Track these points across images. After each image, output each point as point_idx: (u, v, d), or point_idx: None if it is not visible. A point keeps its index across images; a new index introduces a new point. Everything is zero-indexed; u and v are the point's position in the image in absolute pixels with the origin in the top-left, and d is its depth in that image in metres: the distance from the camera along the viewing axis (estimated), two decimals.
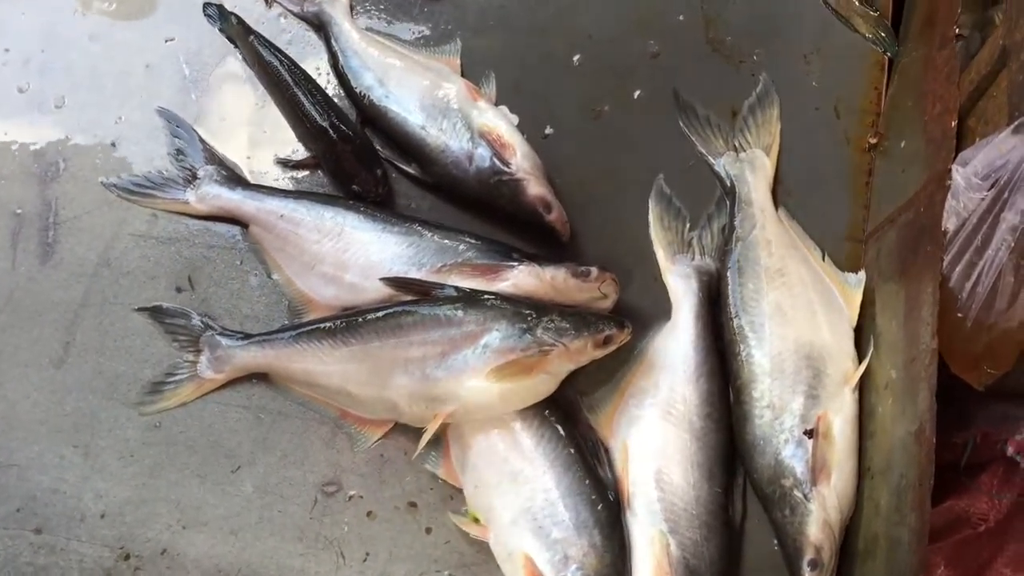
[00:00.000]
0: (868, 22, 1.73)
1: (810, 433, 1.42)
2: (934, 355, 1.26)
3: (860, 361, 1.48)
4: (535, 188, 1.60)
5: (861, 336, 1.53)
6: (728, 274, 1.57)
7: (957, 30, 1.45)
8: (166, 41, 1.80)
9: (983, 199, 1.21)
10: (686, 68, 1.75)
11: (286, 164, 1.72)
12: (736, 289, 1.55)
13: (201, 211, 1.68)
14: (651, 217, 1.66)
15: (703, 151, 1.69)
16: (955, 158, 1.31)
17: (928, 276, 1.31)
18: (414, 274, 1.56)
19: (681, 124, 1.71)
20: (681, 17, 1.78)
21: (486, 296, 1.50)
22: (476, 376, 1.45)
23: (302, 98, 1.69)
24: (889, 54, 1.72)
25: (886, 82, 1.71)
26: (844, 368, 1.48)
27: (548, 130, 1.73)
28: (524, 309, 1.47)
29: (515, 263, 1.54)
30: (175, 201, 1.69)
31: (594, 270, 1.53)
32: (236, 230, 1.69)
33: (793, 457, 1.42)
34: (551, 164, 1.66)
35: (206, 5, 1.81)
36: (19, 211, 1.70)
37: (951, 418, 1.34)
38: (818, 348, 1.48)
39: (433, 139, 1.65)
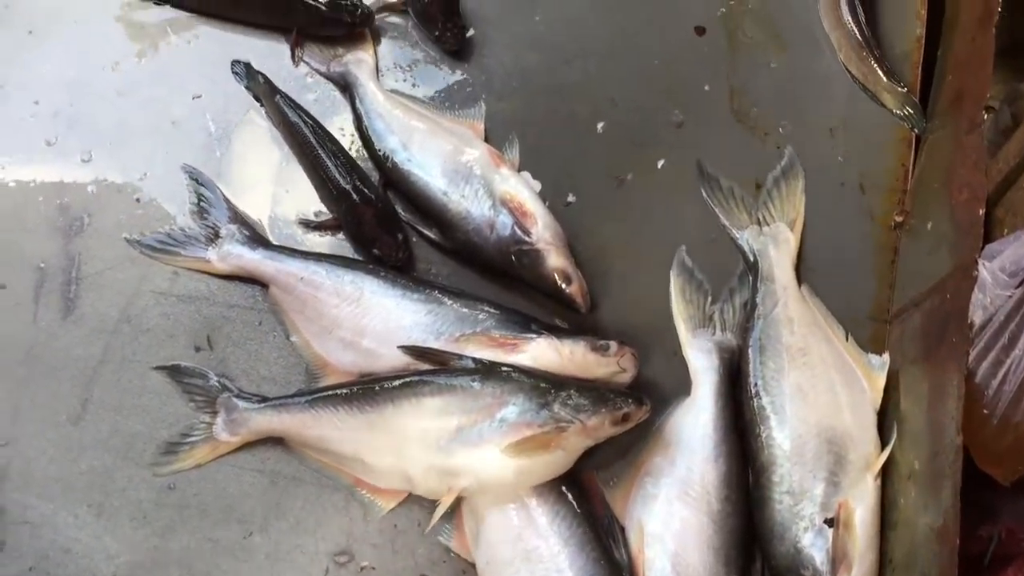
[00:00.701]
0: (896, 97, 1.72)
1: (831, 522, 1.40)
2: (959, 451, 1.24)
3: (883, 447, 1.46)
4: (555, 259, 1.59)
5: (884, 420, 1.51)
6: (749, 351, 1.55)
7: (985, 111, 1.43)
8: (193, 98, 1.81)
9: (1011, 296, 1.20)
10: (711, 139, 1.75)
11: (307, 225, 1.72)
12: (757, 368, 1.54)
13: (222, 270, 1.68)
14: (672, 289, 1.64)
15: (726, 223, 1.68)
16: (982, 249, 1.29)
17: (953, 367, 1.29)
18: (432, 342, 1.55)
19: (704, 195, 1.71)
20: (707, 87, 1.78)
21: (504, 368, 1.49)
22: (492, 450, 1.43)
23: (326, 160, 1.69)
24: (917, 131, 1.70)
25: (913, 159, 1.70)
26: (866, 454, 1.46)
27: (570, 198, 1.73)
28: (542, 383, 1.46)
29: (534, 335, 1.53)
30: (197, 259, 1.69)
31: (613, 345, 1.52)
32: (256, 290, 1.69)
33: (813, 546, 1.40)
34: (572, 232, 1.65)
35: (234, 63, 1.82)
36: (42, 265, 1.71)
37: (976, 511, 1.31)
38: (840, 432, 1.46)
39: (455, 205, 1.65)
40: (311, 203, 1.74)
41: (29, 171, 1.76)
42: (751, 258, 1.64)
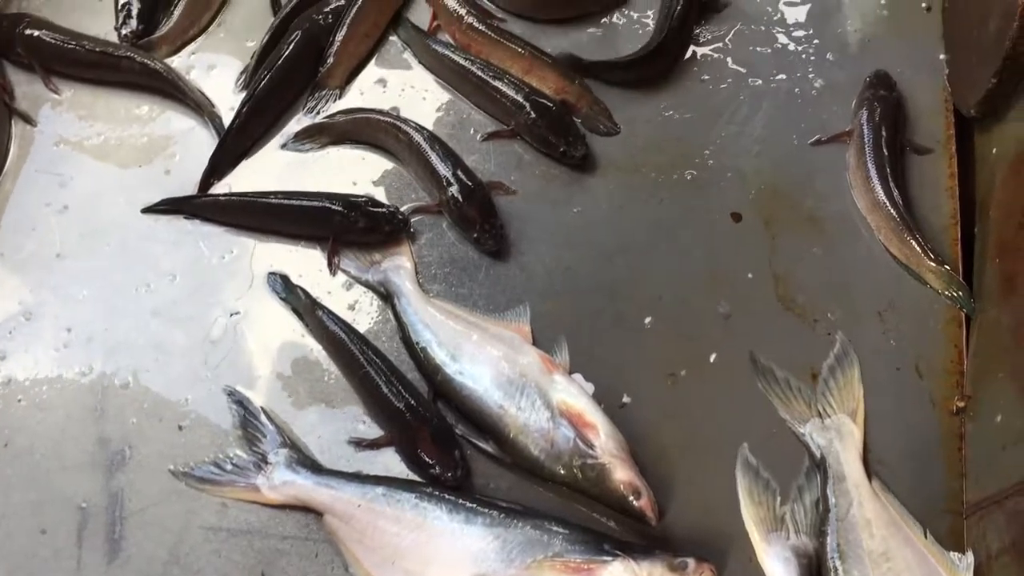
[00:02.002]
0: (940, 277, 1.73)
1: None
2: None
3: None
4: (622, 472, 1.55)
5: None
6: (830, 560, 1.50)
7: None
8: (231, 315, 1.78)
9: None
10: (760, 329, 1.73)
11: (359, 444, 1.67)
12: None
13: (274, 499, 1.62)
14: (740, 492, 1.60)
15: (786, 417, 1.65)
16: None
17: None
18: (502, 571, 1.50)
19: (760, 388, 1.68)
20: (750, 275, 1.78)
21: None
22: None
23: (374, 376, 1.66)
24: (966, 311, 1.70)
25: (965, 339, 1.70)
26: None
27: (625, 399, 1.70)
28: None
29: (608, 557, 1.48)
30: (246, 489, 1.63)
31: (691, 562, 1.47)
32: (311, 518, 1.62)
33: None
34: (631, 435, 1.61)
35: (270, 275, 1.80)
36: (84, 505, 1.64)
37: None
38: None
39: (512, 418, 1.61)
40: (359, 418, 1.70)
41: (65, 404, 1.72)
42: (817, 454, 1.61)
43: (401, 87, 2.00)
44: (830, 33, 2.00)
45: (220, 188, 1.90)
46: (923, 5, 2.01)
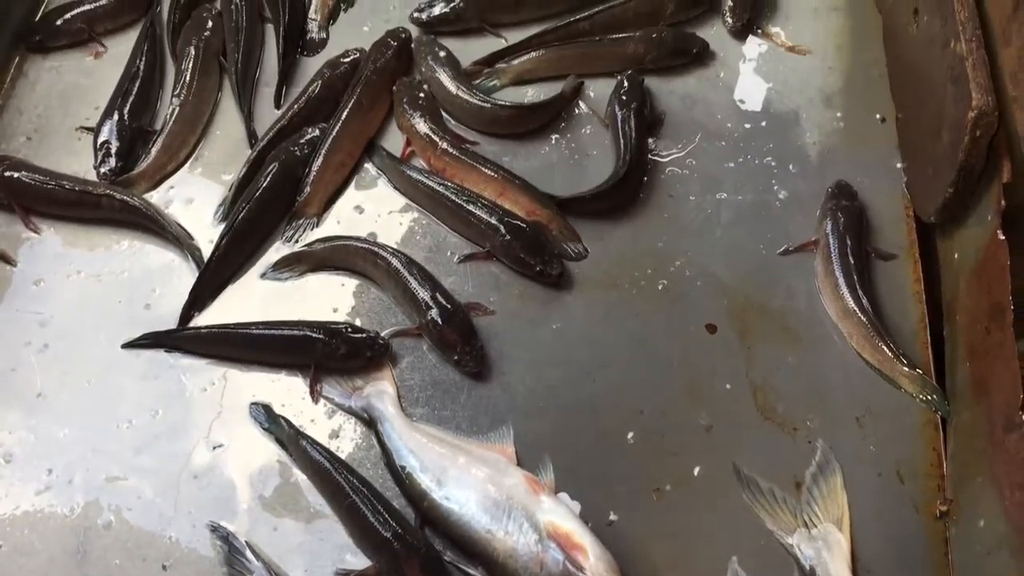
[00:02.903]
0: (914, 382, 1.76)
1: None
2: None
3: None
4: None
5: None
6: None
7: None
8: (214, 448, 1.77)
9: None
10: (742, 439, 1.75)
11: None
12: None
13: None
14: None
15: (773, 528, 1.66)
16: None
17: None
18: None
19: (746, 499, 1.69)
20: (728, 386, 1.80)
21: None
22: None
23: (361, 506, 1.64)
24: (941, 414, 1.73)
25: (943, 442, 1.72)
26: None
27: (612, 516, 1.70)
28: None
29: None
30: None
31: None
32: None
33: None
34: (619, 554, 1.60)
35: (252, 406, 1.81)
36: None
37: None
38: None
39: (500, 542, 1.60)
40: (348, 549, 1.68)
41: (47, 547, 1.69)
42: (806, 565, 1.61)
43: (377, 213, 2.04)
44: (790, 146, 2.08)
45: (201, 320, 1.91)
46: (877, 117, 2.10)
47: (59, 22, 2.29)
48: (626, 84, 2.12)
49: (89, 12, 2.30)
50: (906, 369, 1.76)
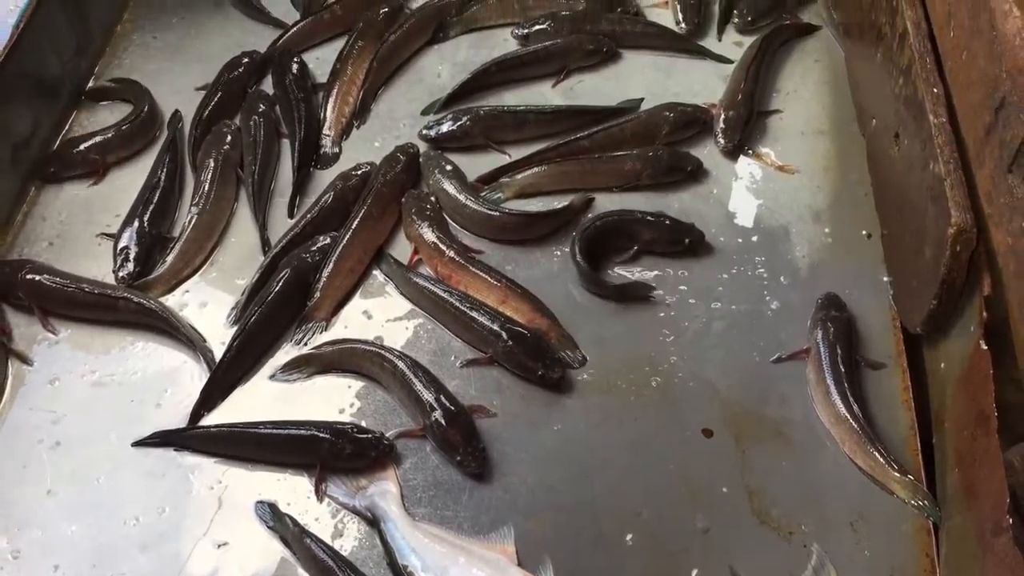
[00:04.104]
0: (906, 488, 1.80)
1: None
2: None
3: None
4: None
5: None
6: None
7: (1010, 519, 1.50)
8: (219, 546, 1.80)
9: None
10: (738, 543, 1.78)
11: None
12: None
13: None
14: None
15: None
16: None
17: None
18: None
19: None
20: (725, 490, 1.84)
21: None
22: None
23: None
24: (932, 519, 1.77)
25: (936, 547, 1.75)
26: None
27: None
28: None
29: None
30: None
31: None
32: None
33: None
34: None
35: (258, 504, 1.84)
36: None
37: None
38: None
39: None
40: None
41: None
42: None
43: (384, 318, 2.11)
44: (781, 259, 2.18)
45: (210, 419, 1.96)
46: (864, 233, 2.20)
47: (74, 152, 2.40)
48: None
49: (102, 142, 2.40)
50: (898, 475, 1.81)
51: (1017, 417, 1.62)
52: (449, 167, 2.34)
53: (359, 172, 2.32)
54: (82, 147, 2.40)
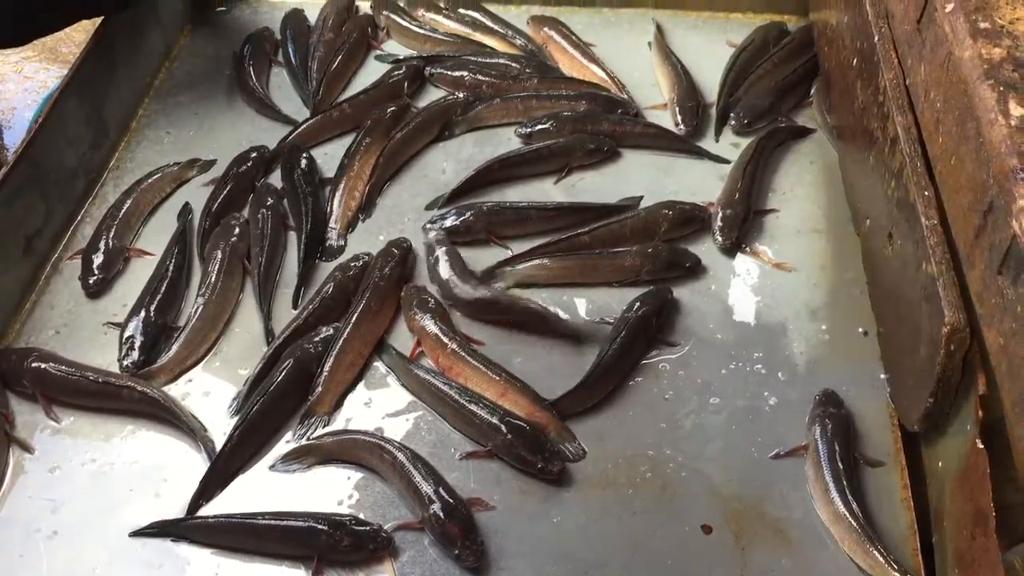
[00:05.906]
0: None
1: None
2: None
3: None
4: None
5: None
6: None
7: None
8: None
9: None
10: None
11: None
12: None
13: None
14: None
15: None
16: None
17: None
18: None
19: None
20: None
21: None
22: None
23: None
24: None
25: None
26: None
27: None
28: None
29: None
30: None
31: None
32: None
33: None
34: None
35: None
36: None
37: None
38: None
39: None
40: None
41: None
42: None
43: (385, 409, 2.13)
44: (779, 355, 2.20)
45: (208, 510, 1.96)
46: (860, 330, 2.23)
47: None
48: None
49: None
50: (894, 573, 1.80)
51: (1017, 517, 1.62)
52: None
53: (357, 263, 2.36)
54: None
